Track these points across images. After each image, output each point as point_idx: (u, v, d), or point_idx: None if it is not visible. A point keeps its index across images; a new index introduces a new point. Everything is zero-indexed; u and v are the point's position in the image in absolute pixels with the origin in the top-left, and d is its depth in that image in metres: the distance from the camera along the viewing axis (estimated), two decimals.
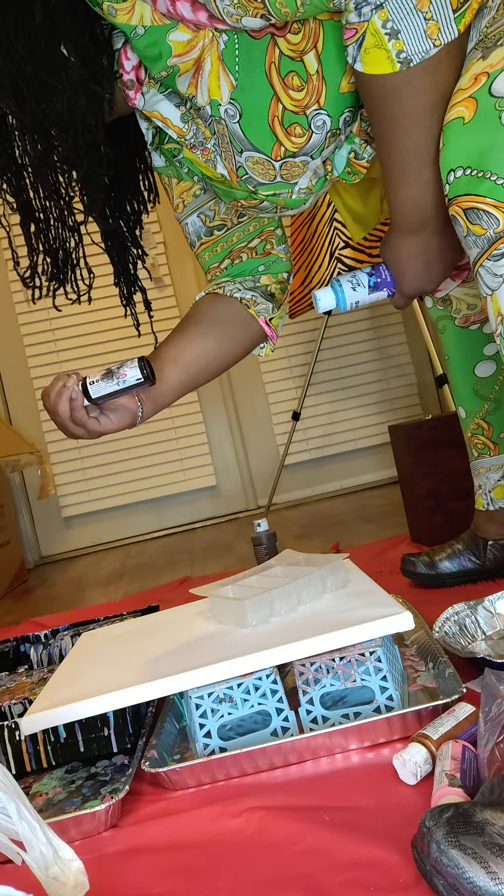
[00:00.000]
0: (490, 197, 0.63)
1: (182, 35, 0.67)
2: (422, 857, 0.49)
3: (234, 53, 0.69)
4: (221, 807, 0.67)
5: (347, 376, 3.06)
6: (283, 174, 0.78)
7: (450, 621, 0.91)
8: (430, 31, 0.61)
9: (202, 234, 0.99)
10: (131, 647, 0.91)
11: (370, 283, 0.88)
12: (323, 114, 0.74)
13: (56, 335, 2.96)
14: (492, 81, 0.61)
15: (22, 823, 0.49)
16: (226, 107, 0.72)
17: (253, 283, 1.00)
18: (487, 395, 1.14)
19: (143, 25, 0.67)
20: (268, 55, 0.69)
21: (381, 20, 0.61)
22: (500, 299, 0.65)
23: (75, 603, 1.94)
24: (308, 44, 0.69)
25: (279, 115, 0.73)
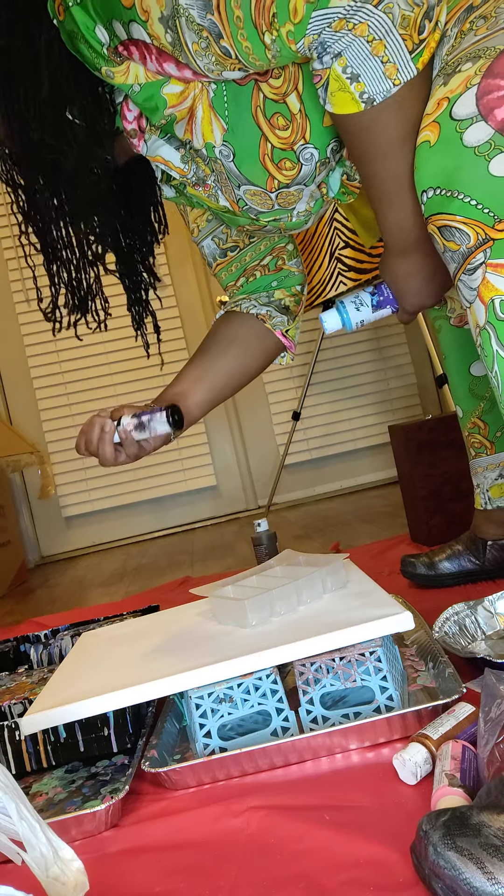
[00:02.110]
0: (460, 214, 0.66)
1: (174, 88, 0.73)
2: (420, 860, 0.49)
3: (223, 100, 0.75)
4: (222, 806, 0.67)
5: (347, 376, 3.06)
6: (280, 202, 0.83)
7: (450, 621, 0.91)
8: (388, 73, 0.65)
9: (217, 256, 1.06)
10: (131, 647, 0.91)
11: (373, 302, 0.91)
12: (310, 147, 0.79)
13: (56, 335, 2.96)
14: (452, 105, 0.65)
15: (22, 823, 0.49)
16: (220, 148, 0.78)
17: (268, 298, 1.07)
18: (483, 394, 1.15)
19: (138, 83, 0.72)
20: (253, 99, 0.75)
21: (341, 66, 0.65)
22: (476, 312, 0.68)
23: (76, 603, 1.94)
24: (289, 86, 0.75)
25: (269, 153, 0.78)
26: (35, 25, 0.72)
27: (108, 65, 0.71)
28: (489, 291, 0.66)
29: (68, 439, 2.97)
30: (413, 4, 0.62)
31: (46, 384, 2.98)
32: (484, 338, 0.69)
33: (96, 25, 0.68)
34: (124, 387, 2.98)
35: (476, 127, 0.64)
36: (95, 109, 0.77)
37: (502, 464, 1.16)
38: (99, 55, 0.71)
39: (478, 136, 0.64)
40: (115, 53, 0.70)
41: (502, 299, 0.66)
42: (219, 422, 3.07)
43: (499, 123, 0.63)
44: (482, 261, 0.66)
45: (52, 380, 2.98)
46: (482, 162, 0.64)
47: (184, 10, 0.63)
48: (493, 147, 0.63)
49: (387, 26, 0.62)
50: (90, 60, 0.72)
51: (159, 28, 0.65)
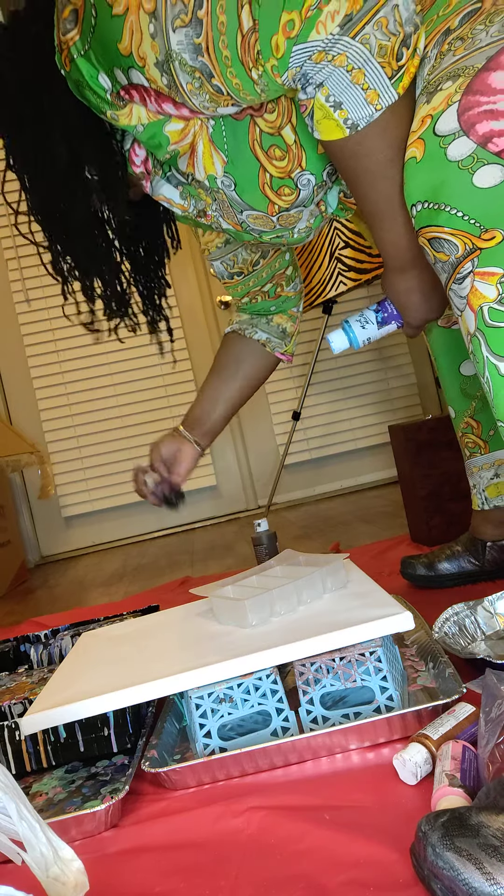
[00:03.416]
0: (448, 226, 0.69)
1: (176, 126, 0.78)
2: (419, 861, 0.49)
3: (222, 134, 0.80)
4: (222, 806, 0.67)
5: (347, 376, 3.06)
6: (282, 223, 0.87)
7: (449, 622, 0.91)
8: (369, 99, 0.68)
9: (225, 277, 1.17)
10: (131, 647, 0.91)
11: (378, 318, 0.92)
12: (307, 174, 0.83)
13: (56, 335, 2.96)
14: (435, 122, 0.68)
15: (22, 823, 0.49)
16: (221, 179, 0.83)
17: (267, 323, 1.20)
18: (474, 394, 1.16)
19: (141, 124, 0.77)
20: (250, 133, 0.79)
21: (324, 96, 0.68)
22: (467, 320, 0.70)
23: (76, 603, 1.94)
24: (283, 119, 0.79)
25: (268, 182, 0.82)
26: (43, 88, 0.77)
27: (112, 109, 0.76)
28: (478, 299, 0.69)
29: (68, 439, 2.97)
30: (389, 34, 0.64)
31: (46, 384, 2.98)
32: (475, 345, 0.70)
33: (99, 73, 0.72)
34: (124, 387, 2.98)
35: (459, 142, 0.66)
36: (111, 166, 0.83)
37: (497, 463, 1.16)
38: (103, 101, 0.75)
39: (461, 150, 0.66)
40: (118, 98, 0.75)
41: (491, 306, 0.68)
42: None
43: (480, 138, 0.65)
44: (470, 270, 0.69)
45: (52, 380, 2.98)
46: (466, 175, 0.67)
47: (176, 55, 0.67)
48: (476, 160, 0.66)
49: (365, 56, 0.65)
50: (96, 106, 0.76)
51: (155, 72, 0.70)
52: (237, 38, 0.65)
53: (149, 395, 2.98)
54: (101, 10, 0.68)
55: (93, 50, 0.71)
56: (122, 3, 0.67)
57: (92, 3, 0.69)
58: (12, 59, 0.78)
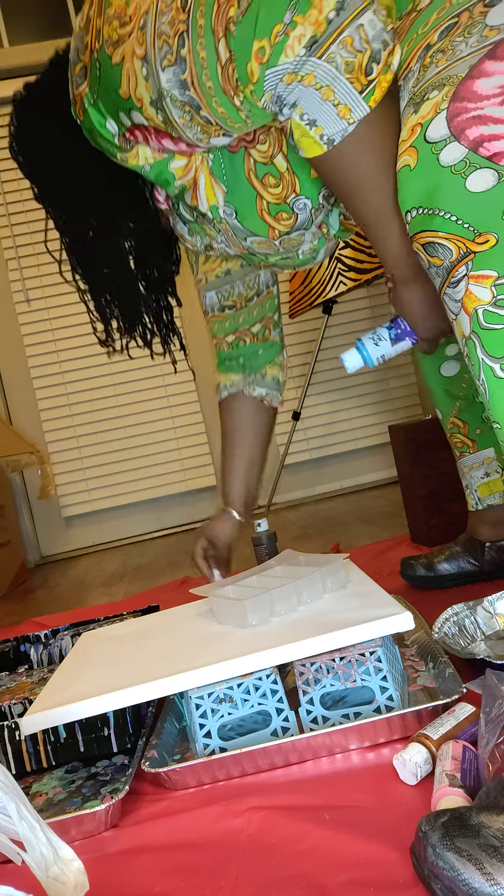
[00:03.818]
0: (442, 231, 0.70)
1: (179, 162, 0.84)
2: (419, 861, 0.49)
3: (221, 167, 0.85)
4: (222, 806, 0.67)
5: (347, 376, 3.06)
6: (284, 246, 0.92)
7: (449, 622, 0.91)
8: (342, 113, 0.71)
9: (215, 309, 1.21)
10: (131, 648, 0.91)
11: (391, 335, 0.93)
12: (302, 198, 0.87)
13: (56, 335, 2.96)
14: (425, 130, 0.70)
15: (22, 823, 0.49)
16: (223, 208, 0.88)
17: (262, 376, 1.25)
18: (457, 394, 1.17)
19: (148, 163, 0.84)
20: (245, 164, 0.85)
21: (299, 114, 0.72)
22: (462, 323, 0.71)
23: (76, 603, 1.94)
24: (275, 149, 0.83)
25: (265, 208, 0.87)
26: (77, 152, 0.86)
27: (121, 152, 0.83)
28: (472, 302, 0.69)
29: (68, 439, 2.97)
30: (355, 51, 0.68)
31: (46, 384, 2.98)
32: (470, 347, 0.71)
33: (107, 120, 0.80)
34: (124, 387, 2.98)
35: (450, 147, 0.68)
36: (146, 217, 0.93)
37: (486, 461, 1.16)
38: (113, 145, 0.82)
39: (453, 155, 0.68)
40: (125, 140, 0.81)
41: (485, 309, 0.69)
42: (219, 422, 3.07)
43: (471, 142, 0.67)
44: (464, 273, 0.70)
45: (52, 380, 2.98)
46: (459, 179, 0.68)
47: (167, 92, 0.73)
48: (469, 165, 0.67)
49: (332, 73, 0.68)
50: (107, 150, 0.84)
51: (152, 111, 0.76)
52: (218, 70, 0.70)
53: (149, 395, 2.98)
54: (103, 63, 0.75)
55: (100, 98, 0.78)
56: (119, 53, 0.74)
57: (96, 58, 0.76)
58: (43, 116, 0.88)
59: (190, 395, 2.99)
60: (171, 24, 0.70)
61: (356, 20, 0.67)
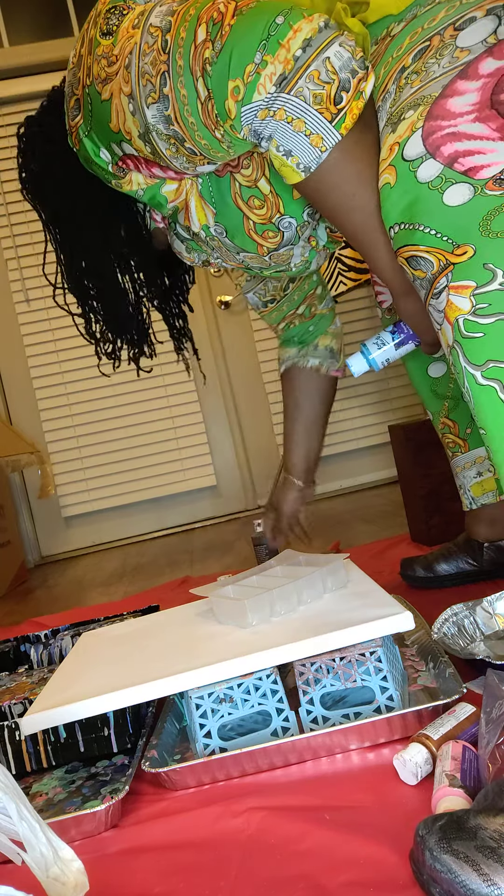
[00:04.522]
0: (422, 244, 0.72)
1: (170, 186, 0.89)
2: (418, 866, 0.49)
3: (209, 190, 0.90)
4: (222, 807, 0.67)
5: (347, 376, 3.05)
6: (275, 261, 0.96)
7: (448, 622, 0.91)
8: (314, 142, 0.74)
9: (259, 306, 1.26)
10: (131, 647, 0.91)
11: (394, 340, 0.95)
12: (286, 217, 0.90)
13: (56, 335, 2.95)
14: (402, 148, 0.73)
15: (22, 823, 0.49)
16: (214, 227, 0.92)
17: (315, 348, 1.28)
18: (445, 394, 1.18)
19: (141, 188, 0.89)
20: (231, 188, 0.89)
21: (275, 147, 0.76)
22: (445, 333, 0.73)
23: (75, 603, 1.94)
24: (258, 173, 0.87)
25: (252, 228, 0.91)
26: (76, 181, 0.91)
27: (115, 178, 0.88)
28: (453, 312, 0.71)
29: (68, 439, 2.97)
30: (322, 83, 0.71)
31: (46, 384, 2.98)
32: (454, 356, 0.72)
33: (100, 149, 0.85)
34: (124, 387, 2.98)
35: (427, 164, 0.71)
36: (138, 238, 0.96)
37: (478, 460, 1.17)
38: (108, 172, 0.87)
39: (429, 171, 0.71)
40: (119, 168, 0.86)
41: (465, 318, 0.70)
42: (219, 421, 3.07)
43: (446, 159, 0.70)
44: (445, 284, 0.71)
45: (52, 380, 2.98)
46: (437, 194, 0.71)
47: (153, 127, 0.78)
48: (445, 180, 0.70)
49: (301, 106, 0.72)
50: (103, 177, 0.88)
51: (140, 143, 0.81)
52: (198, 107, 0.75)
53: (149, 395, 2.98)
54: (93, 98, 0.80)
55: (93, 130, 0.83)
56: (108, 90, 0.79)
57: (87, 93, 0.81)
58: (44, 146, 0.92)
59: (190, 395, 2.99)
60: (153, 65, 0.75)
61: (322, 54, 0.71)
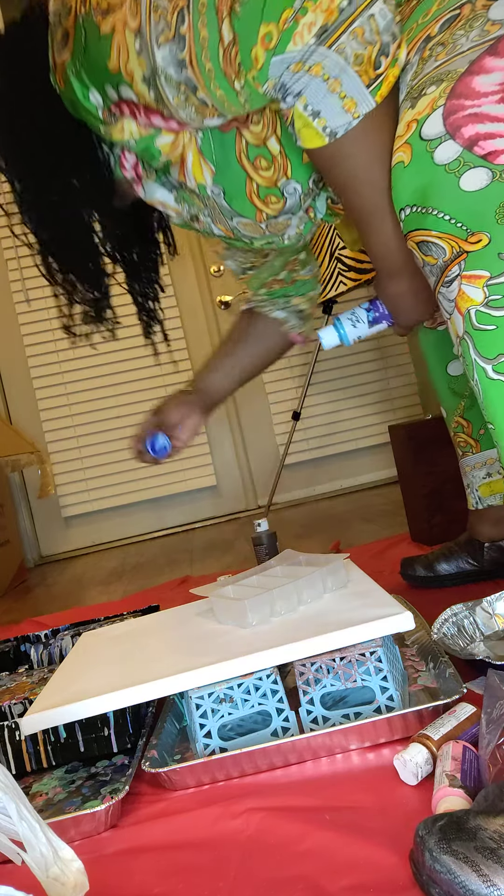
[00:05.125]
0: (435, 230, 0.69)
1: (166, 138, 0.80)
2: (417, 867, 0.49)
3: (210, 146, 0.82)
4: (221, 807, 0.67)
5: (347, 376, 3.06)
6: (271, 230, 0.89)
7: (448, 622, 0.91)
8: (347, 107, 0.69)
9: (239, 274, 1.17)
10: (131, 647, 0.91)
11: (369, 318, 0.93)
12: (292, 182, 0.84)
13: (56, 335, 2.95)
14: (420, 127, 0.69)
15: (22, 823, 0.49)
16: (211, 188, 0.84)
17: (285, 303, 1.19)
18: (462, 392, 1.16)
19: (133, 138, 0.79)
20: (237, 145, 0.82)
21: (302, 105, 0.70)
22: (456, 323, 0.71)
23: (75, 602, 1.94)
24: (268, 131, 0.81)
25: (255, 191, 0.84)
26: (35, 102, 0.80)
27: (104, 125, 0.78)
28: (465, 302, 0.69)
29: (68, 439, 2.97)
30: (365, 43, 0.66)
31: (46, 384, 2.98)
32: (464, 347, 0.71)
33: (90, 91, 0.75)
34: (124, 386, 2.98)
35: (445, 145, 0.67)
36: (96, 163, 0.84)
37: (489, 461, 1.16)
38: (96, 118, 0.77)
39: (447, 153, 0.67)
40: (110, 114, 0.77)
41: (477, 309, 0.68)
42: (219, 422, 3.07)
43: (466, 141, 0.66)
44: (457, 273, 0.69)
45: (52, 380, 2.98)
46: (453, 178, 0.67)
47: (162, 70, 0.69)
48: (463, 164, 0.67)
49: (340, 65, 0.66)
50: (90, 123, 0.79)
51: (143, 87, 0.71)
52: (219, 52, 0.67)
53: (149, 396, 2.98)
54: (90, 31, 0.70)
55: (83, 69, 0.73)
56: (109, 23, 0.69)
57: (82, 25, 0.71)
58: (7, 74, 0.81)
59: None
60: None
61: (367, 10, 0.64)
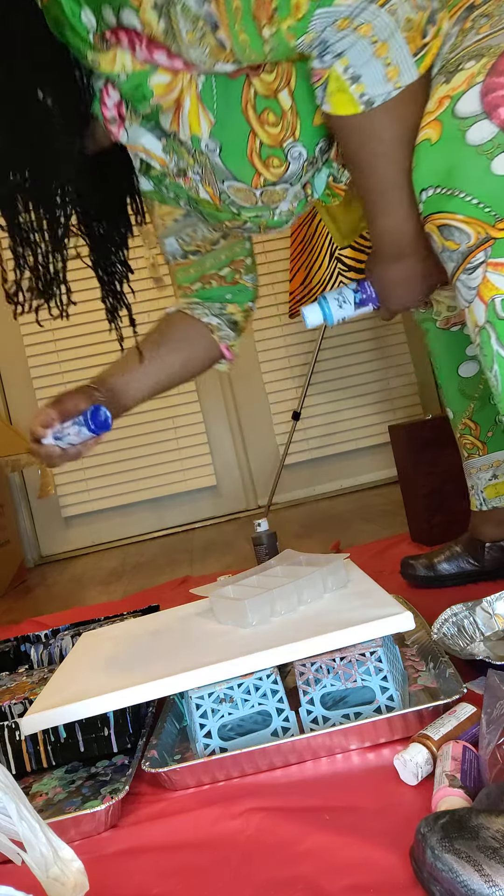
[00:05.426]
0: (460, 213, 0.66)
1: (162, 78, 0.70)
2: (418, 864, 0.49)
3: (212, 93, 0.73)
4: (221, 807, 0.67)
5: (347, 376, 3.06)
6: (264, 200, 0.82)
7: (448, 623, 0.91)
8: (390, 75, 0.64)
9: (178, 257, 1.05)
10: (131, 647, 0.91)
11: (356, 299, 0.90)
12: (299, 145, 0.77)
13: (56, 335, 2.95)
14: (454, 104, 0.65)
15: (22, 823, 0.49)
16: (206, 141, 0.76)
17: (220, 310, 1.08)
18: (472, 395, 1.15)
19: (125, 72, 0.69)
20: (244, 94, 0.74)
21: (343, 66, 0.64)
22: (476, 311, 0.68)
23: (75, 602, 1.94)
24: (281, 82, 0.73)
25: (257, 149, 0.77)
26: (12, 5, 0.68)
27: (93, 52, 0.68)
28: (489, 290, 0.66)
29: None
30: (417, 7, 0.61)
31: (46, 384, 2.98)
32: (483, 337, 0.68)
33: (82, 10, 0.65)
34: None
35: (480, 125, 0.63)
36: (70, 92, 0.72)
37: (496, 464, 1.16)
38: (85, 42, 0.67)
39: (481, 134, 0.63)
40: (102, 40, 0.66)
41: (503, 298, 0.65)
42: (219, 421, 3.07)
43: (503, 122, 0.62)
44: (483, 260, 0.66)
45: (52, 380, 2.98)
46: (484, 160, 0.63)
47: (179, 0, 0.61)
48: (496, 145, 0.63)
49: (391, 28, 0.61)
50: (75, 47, 0.69)
51: (152, 15, 0.63)
52: None
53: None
54: None
55: None
56: None
57: None
58: None
59: (190, 395, 2.99)
60: None
61: None
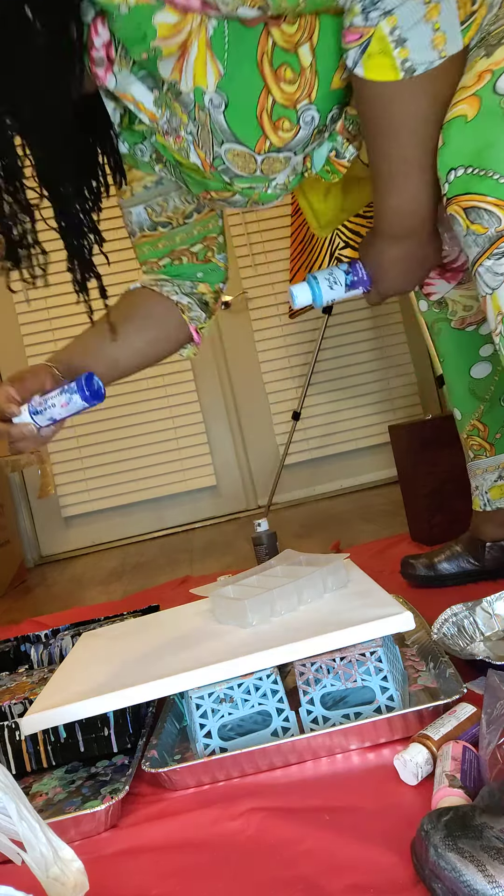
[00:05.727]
0: (492, 195, 0.63)
1: (169, 17, 0.63)
2: (420, 861, 0.49)
3: (224, 40, 0.65)
4: (221, 807, 0.67)
5: (347, 376, 3.06)
6: (264, 168, 0.76)
7: (448, 623, 0.91)
8: (436, 42, 0.60)
9: (146, 228, 0.97)
10: (131, 647, 0.91)
11: (347, 281, 0.87)
12: (312, 109, 0.72)
13: (56, 335, 2.95)
14: (496, 79, 0.61)
15: (22, 823, 0.49)
16: (211, 96, 0.68)
17: (191, 288, 1.01)
18: (483, 396, 1.14)
19: (127, 5, 0.61)
20: (260, 45, 0.66)
21: (390, 27, 0.60)
22: (500, 298, 0.66)
23: (75, 602, 1.93)
24: (303, 35, 0.67)
25: (268, 109, 0.70)
26: None
27: None
28: None
29: (68, 439, 2.97)
30: None
31: None
32: None
33: None
34: (123, 386, 2.98)
35: None
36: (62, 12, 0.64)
37: (501, 465, 1.16)
38: None
39: None
40: None
41: None
42: (219, 421, 3.07)
43: None
44: None
45: None
46: None
47: None
48: None
49: None
50: None
51: None
52: None
53: (148, 395, 2.98)
54: None
55: None
56: None
57: None
58: None
59: (190, 395, 2.99)
60: None
61: None
